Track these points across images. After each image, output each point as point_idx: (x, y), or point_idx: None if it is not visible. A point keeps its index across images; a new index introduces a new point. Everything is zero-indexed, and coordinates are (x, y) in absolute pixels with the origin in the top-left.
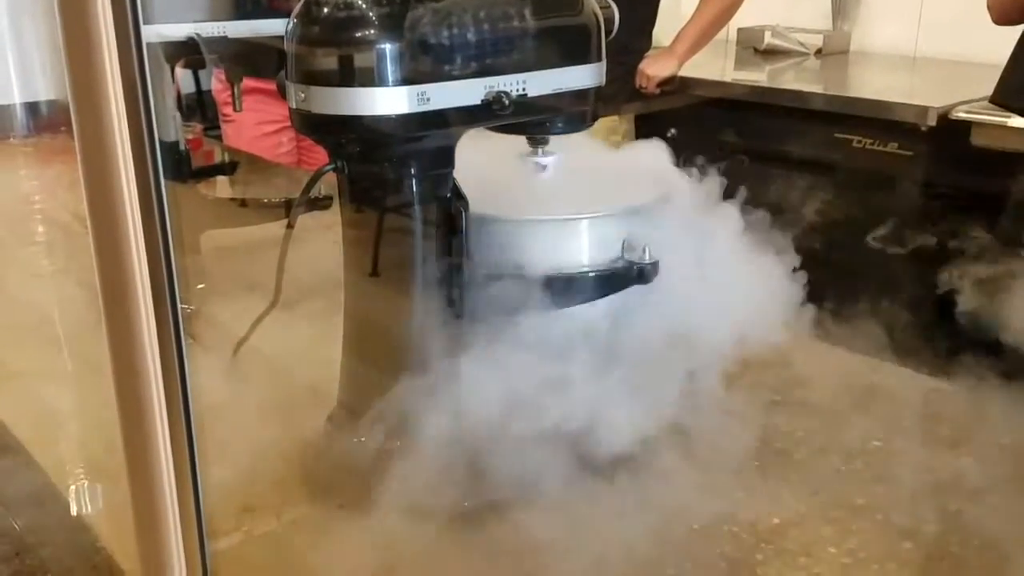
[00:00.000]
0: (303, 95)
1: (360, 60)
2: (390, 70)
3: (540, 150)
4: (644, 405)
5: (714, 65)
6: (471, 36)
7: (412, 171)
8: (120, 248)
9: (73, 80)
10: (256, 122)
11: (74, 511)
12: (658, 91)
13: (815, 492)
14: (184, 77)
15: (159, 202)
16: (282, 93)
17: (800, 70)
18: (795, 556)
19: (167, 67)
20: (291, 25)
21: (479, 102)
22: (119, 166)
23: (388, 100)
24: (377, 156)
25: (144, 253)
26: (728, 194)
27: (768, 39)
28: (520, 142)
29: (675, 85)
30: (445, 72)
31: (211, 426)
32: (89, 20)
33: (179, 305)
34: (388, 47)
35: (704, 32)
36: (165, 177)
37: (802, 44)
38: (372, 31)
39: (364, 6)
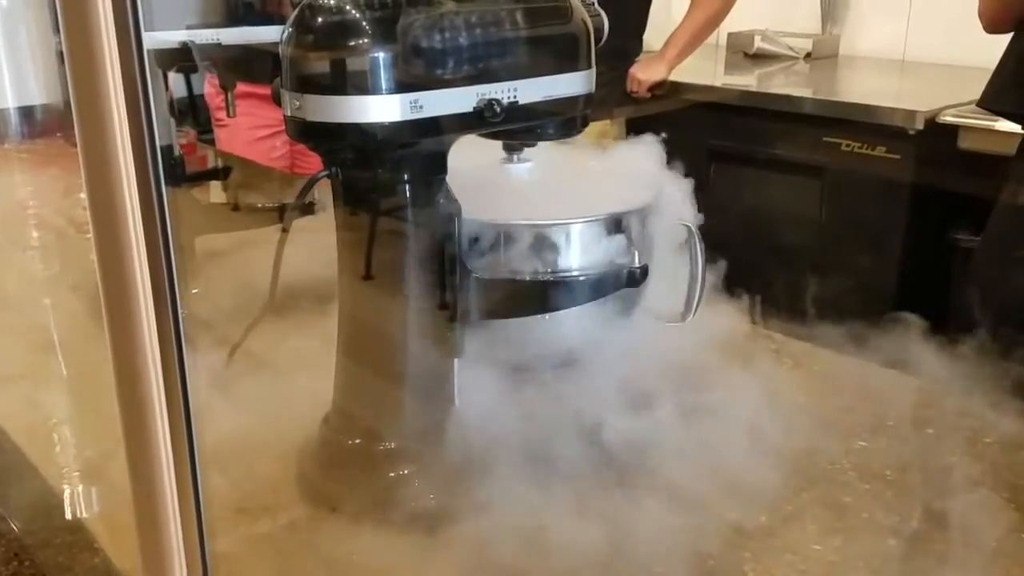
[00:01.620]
0: (298, 103)
1: (354, 68)
2: (384, 78)
3: (515, 156)
4: (629, 407)
5: (704, 69)
6: (463, 44)
7: (405, 177)
8: (122, 253)
9: (76, 87)
10: (249, 127)
11: (71, 514)
12: (649, 95)
13: (801, 490)
14: (176, 81)
15: (160, 207)
16: (276, 100)
17: (789, 74)
18: (781, 554)
19: (160, 73)
20: (286, 33)
21: (471, 109)
22: (121, 172)
23: (381, 108)
24: (371, 162)
25: (145, 258)
26: (717, 196)
27: (758, 43)
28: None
29: (665, 89)
30: (437, 80)
31: (207, 429)
32: (91, 27)
33: (179, 309)
34: (382, 55)
35: (694, 36)
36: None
37: (791, 48)
38: (366, 40)
39: (358, 15)
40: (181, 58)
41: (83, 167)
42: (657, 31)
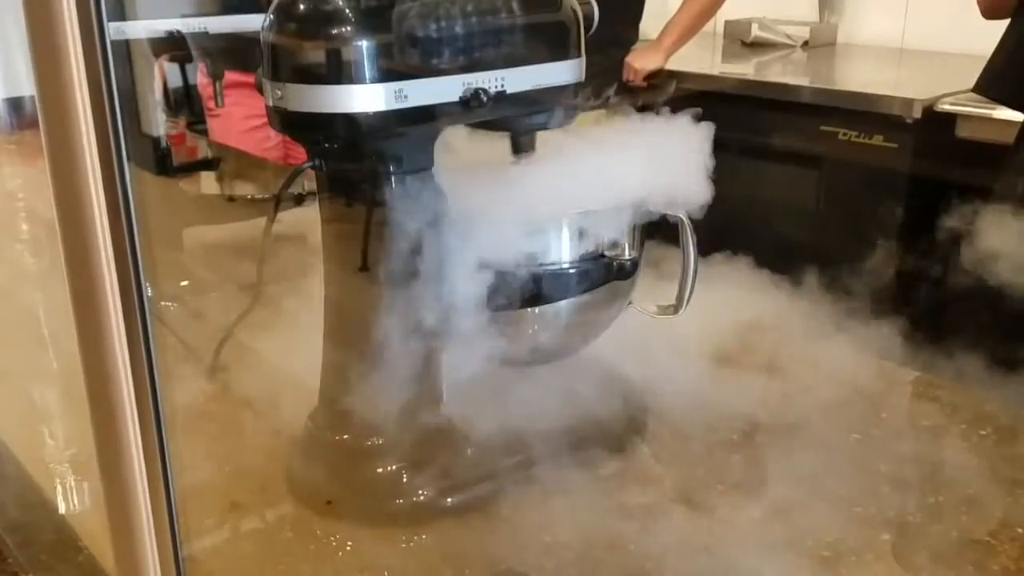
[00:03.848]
0: (280, 92)
1: (337, 57)
2: (367, 67)
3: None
4: (624, 394)
5: (701, 58)
6: (449, 33)
7: (390, 168)
8: (88, 246)
9: (39, 79)
10: (242, 117)
11: (55, 511)
12: (645, 84)
13: (794, 484)
14: (171, 71)
15: (125, 199)
16: (260, 90)
17: (787, 63)
18: (774, 549)
19: (154, 62)
20: (267, 21)
21: (457, 99)
22: (86, 164)
23: (365, 97)
24: (355, 153)
25: (111, 252)
26: (713, 185)
27: (755, 32)
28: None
29: (662, 78)
30: (423, 69)
31: (192, 424)
32: (54, 18)
33: (147, 303)
34: (365, 44)
35: (691, 25)
36: (149, 172)
37: (789, 36)
38: (349, 28)
39: (341, 2)
40: (171, 47)
41: (48, 162)
42: (654, 19)
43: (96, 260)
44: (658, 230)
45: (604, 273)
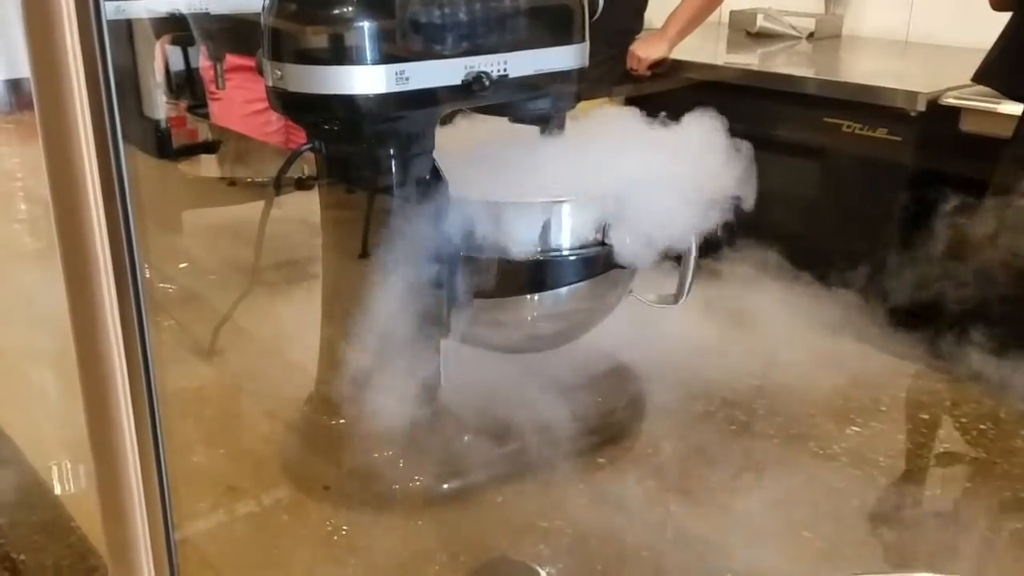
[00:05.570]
0: (279, 73)
1: (338, 38)
2: (368, 49)
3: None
4: (620, 390)
5: (706, 48)
6: (451, 15)
7: (391, 151)
8: (82, 227)
9: (34, 58)
10: (243, 100)
11: (50, 491)
12: (649, 73)
13: (791, 475)
14: (174, 54)
15: (120, 180)
16: (260, 71)
17: (791, 54)
18: (770, 540)
19: (155, 43)
20: (268, 1)
21: (459, 82)
22: (81, 145)
23: (366, 79)
24: (355, 136)
25: (106, 233)
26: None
27: (760, 22)
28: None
29: (666, 67)
30: (424, 51)
31: (189, 407)
32: None
33: (142, 285)
34: (366, 25)
35: (696, 14)
36: (150, 155)
37: (794, 27)
38: (350, 9)
39: None
40: (172, 28)
41: (42, 143)
42: (659, 8)
43: (90, 241)
44: None
45: (605, 261)
